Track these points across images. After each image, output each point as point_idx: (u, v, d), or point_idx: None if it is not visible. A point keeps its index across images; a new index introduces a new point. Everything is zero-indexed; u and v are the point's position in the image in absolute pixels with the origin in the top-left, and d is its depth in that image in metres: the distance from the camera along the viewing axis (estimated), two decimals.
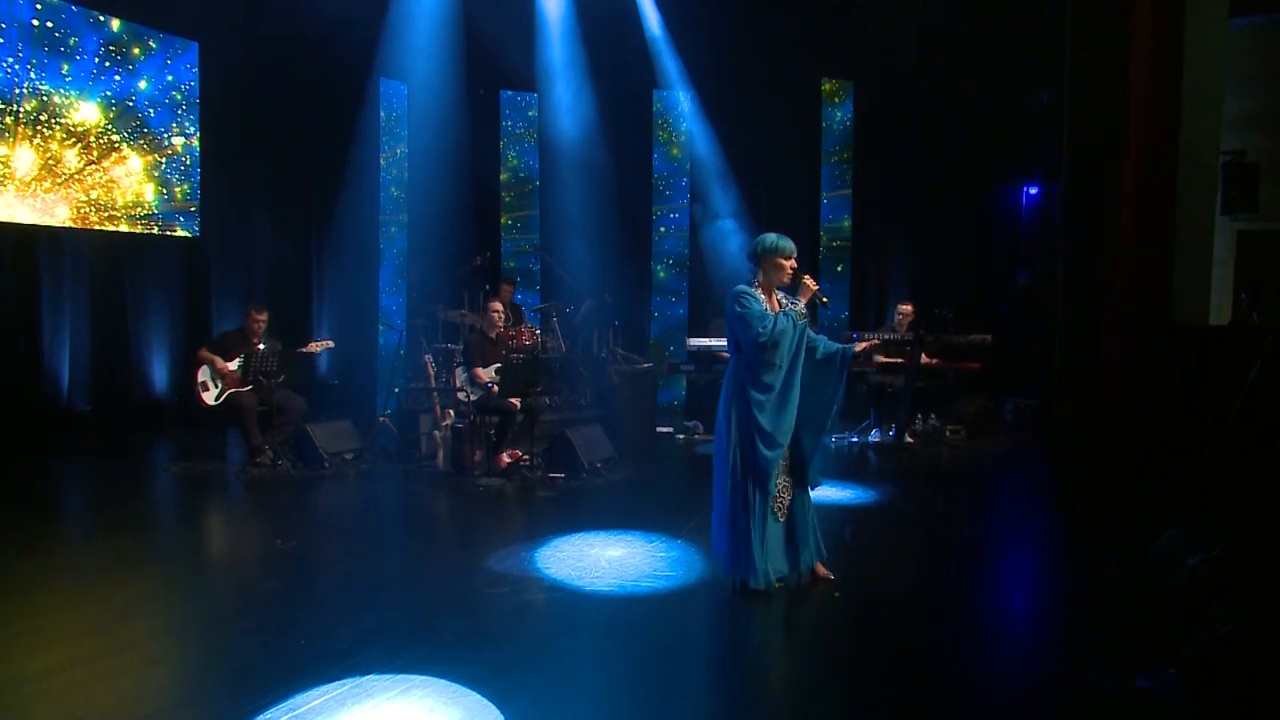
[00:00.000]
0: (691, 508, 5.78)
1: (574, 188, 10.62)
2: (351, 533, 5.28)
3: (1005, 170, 10.49)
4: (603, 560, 4.54)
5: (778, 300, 4.00)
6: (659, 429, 8.96)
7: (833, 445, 8.19)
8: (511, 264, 10.99)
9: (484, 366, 7.01)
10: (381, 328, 9.76)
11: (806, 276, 4.01)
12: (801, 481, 4.10)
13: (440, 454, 6.74)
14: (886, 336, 8.16)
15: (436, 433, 6.79)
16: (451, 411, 6.85)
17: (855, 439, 8.41)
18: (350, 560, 4.60)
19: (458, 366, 6.86)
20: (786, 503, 4.04)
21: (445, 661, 3.27)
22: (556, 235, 10.77)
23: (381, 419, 7.77)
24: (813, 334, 4.03)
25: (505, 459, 6.91)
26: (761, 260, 3.99)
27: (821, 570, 4.14)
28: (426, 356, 7.03)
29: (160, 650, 3.38)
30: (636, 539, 4.96)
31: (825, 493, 6.07)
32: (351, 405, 8.86)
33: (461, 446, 6.65)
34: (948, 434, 8.45)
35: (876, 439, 8.35)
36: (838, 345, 4.08)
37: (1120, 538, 4.98)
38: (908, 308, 8.45)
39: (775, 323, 3.82)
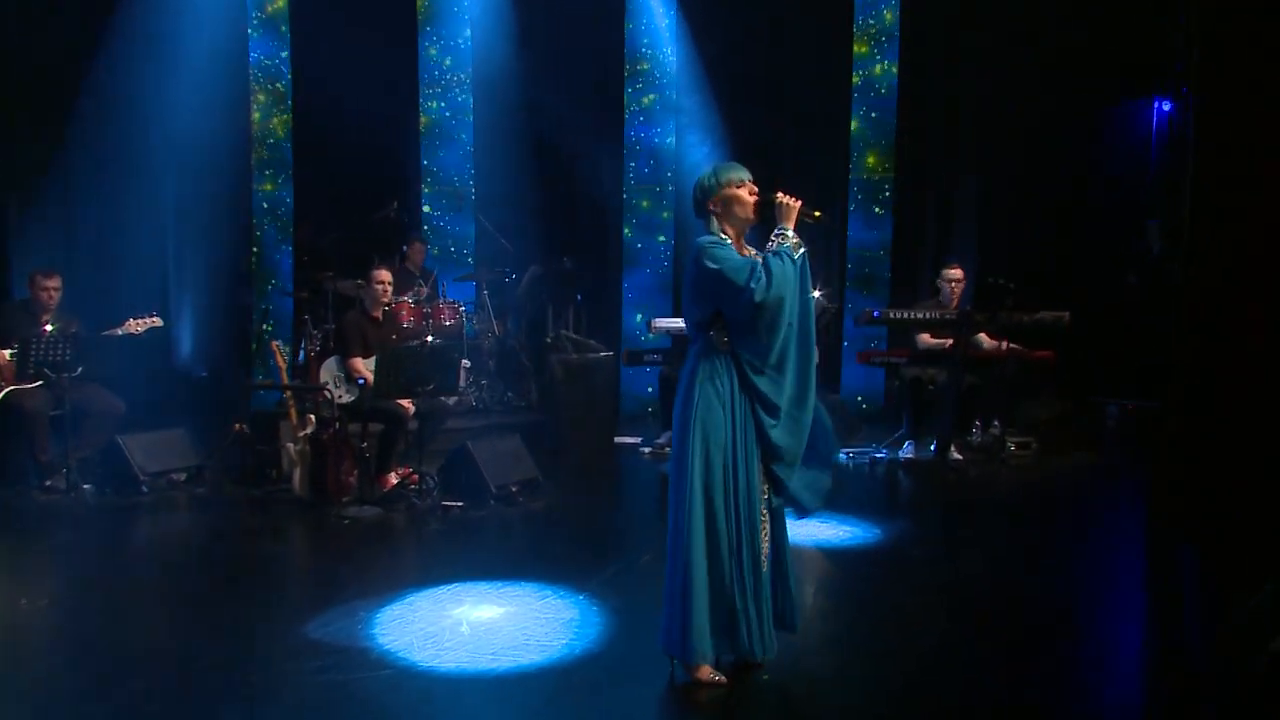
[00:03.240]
0: (621, 549, 5.63)
1: (515, 114, 10.45)
2: (135, 587, 5.14)
3: (1124, 79, 10.01)
4: (465, 624, 4.40)
5: (750, 252, 3.75)
6: (619, 439, 8.78)
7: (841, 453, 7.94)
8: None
9: (365, 356, 6.86)
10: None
11: (779, 194, 3.71)
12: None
13: (297, 475, 6.59)
14: (926, 314, 7.87)
15: (290, 446, 6.63)
16: (312, 417, 6.69)
17: (882, 454, 8.15)
18: (113, 626, 4.45)
19: (315, 355, 6.70)
20: (767, 539, 3.80)
21: None
22: (494, 179, 10.60)
23: (238, 427, 7.62)
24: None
25: (394, 479, 6.77)
26: (711, 203, 3.71)
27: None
28: (275, 343, 6.87)
29: None
30: (525, 594, 4.80)
31: (809, 530, 5.87)
32: (220, 406, 8.78)
33: (324, 464, 6.49)
34: (1011, 448, 8.15)
35: (910, 454, 8.08)
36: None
37: (1230, 601, 4.70)
38: (956, 272, 8.15)
39: (770, 270, 3.53)
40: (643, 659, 3.88)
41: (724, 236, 3.68)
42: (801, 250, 3.63)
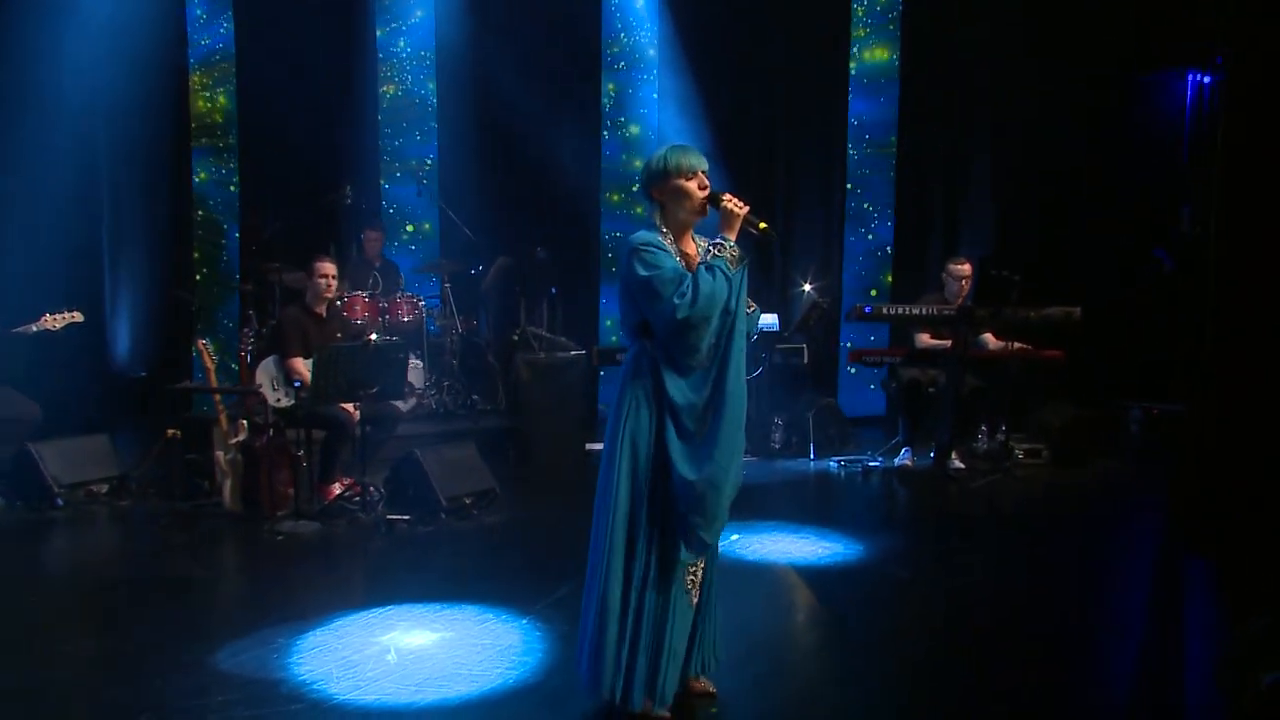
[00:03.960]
0: (578, 567, 5.46)
1: (483, 98, 10.37)
2: (34, 611, 5.01)
3: (1157, 49, 9.78)
4: (393, 651, 4.30)
5: (696, 246, 3.61)
6: (591, 446, 8.65)
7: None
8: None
9: (307, 356, 6.75)
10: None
11: (726, 196, 3.56)
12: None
13: (227, 487, 6.48)
14: (923, 310, 7.74)
15: (220, 454, 6.52)
16: (245, 423, 6.58)
17: (877, 463, 8.04)
18: (2, 655, 4.35)
19: (246, 355, 6.59)
20: (700, 575, 3.66)
21: None
22: (460, 165, 10.49)
23: (171, 432, 7.52)
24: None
25: (337, 490, 6.68)
26: (657, 190, 3.58)
27: (700, 684, 3.78)
28: (201, 342, 6.75)
29: None
30: (464, 616, 4.72)
31: (782, 545, 5.79)
32: (159, 410, 8.69)
33: (257, 475, 6.39)
34: (1018, 456, 8.04)
35: (906, 463, 7.97)
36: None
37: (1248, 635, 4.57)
38: (964, 268, 8.00)
39: (698, 286, 3.37)
40: (584, 690, 3.75)
41: (664, 232, 3.54)
42: (741, 265, 3.48)
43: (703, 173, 3.53)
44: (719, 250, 3.46)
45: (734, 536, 5.92)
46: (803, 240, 10.49)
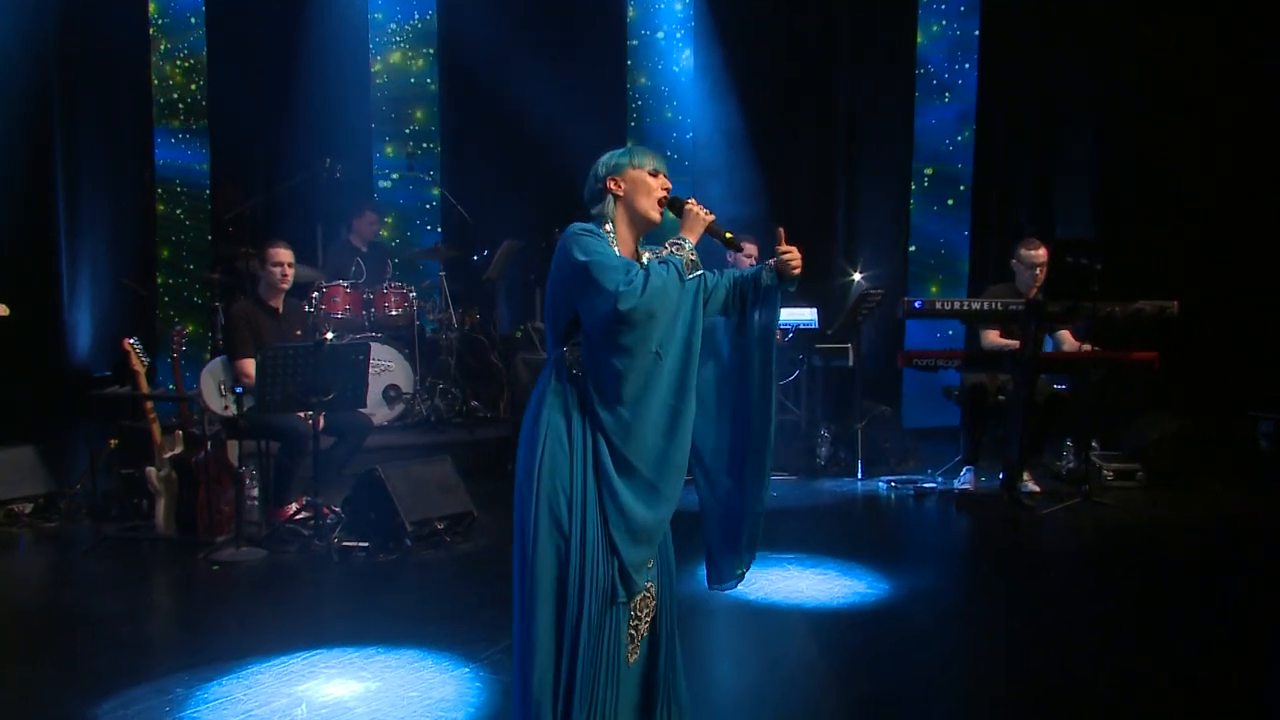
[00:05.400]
0: None
1: (493, 64, 10.32)
2: None
3: None
4: (304, 705, 4.23)
5: (644, 258, 3.53)
6: None
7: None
8: None
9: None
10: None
11: (691, 202, 3.49)
12: (671, 578, 3.60)
13: (160, 508, 6.49)
14: (984, 304, 7.51)
15: (152, 470, 6.53)
16: (181, 434, 6.57)
17: (934, 484, 7.89)
18: None
19: (178, 356, 6.59)
20: (645, 628, 3.52)
21: None
22: (465, 140, 10.49)
23: (114, 443, 7.56)
24: (711, 276, 3.55)
25: (292, 510, 6.68)
26: (616, 181, 3.50)
27: None
28: (128, 342, 6.74)
29: None
30: (400, 663, 4.65)
31: (791, 583, 5.69)
32: (118, 415, 8.75)
33: (194, 494, 6.38)
34: (1106, 477, 7.80)
35: (967, 485, 7.77)
36: (751, 269, 3.59)
37: None
38: (1039, 253, 7.76)
39: (649, 276, 3.29)
40: None
41: (608, 228, 3.45)
42: (697, 273, 3.37)
43: (664, 175, 3.50)
44: (676, 249, 3.38)
45: (739, 571, 5.78)
46: (865, 225, 10.34)
